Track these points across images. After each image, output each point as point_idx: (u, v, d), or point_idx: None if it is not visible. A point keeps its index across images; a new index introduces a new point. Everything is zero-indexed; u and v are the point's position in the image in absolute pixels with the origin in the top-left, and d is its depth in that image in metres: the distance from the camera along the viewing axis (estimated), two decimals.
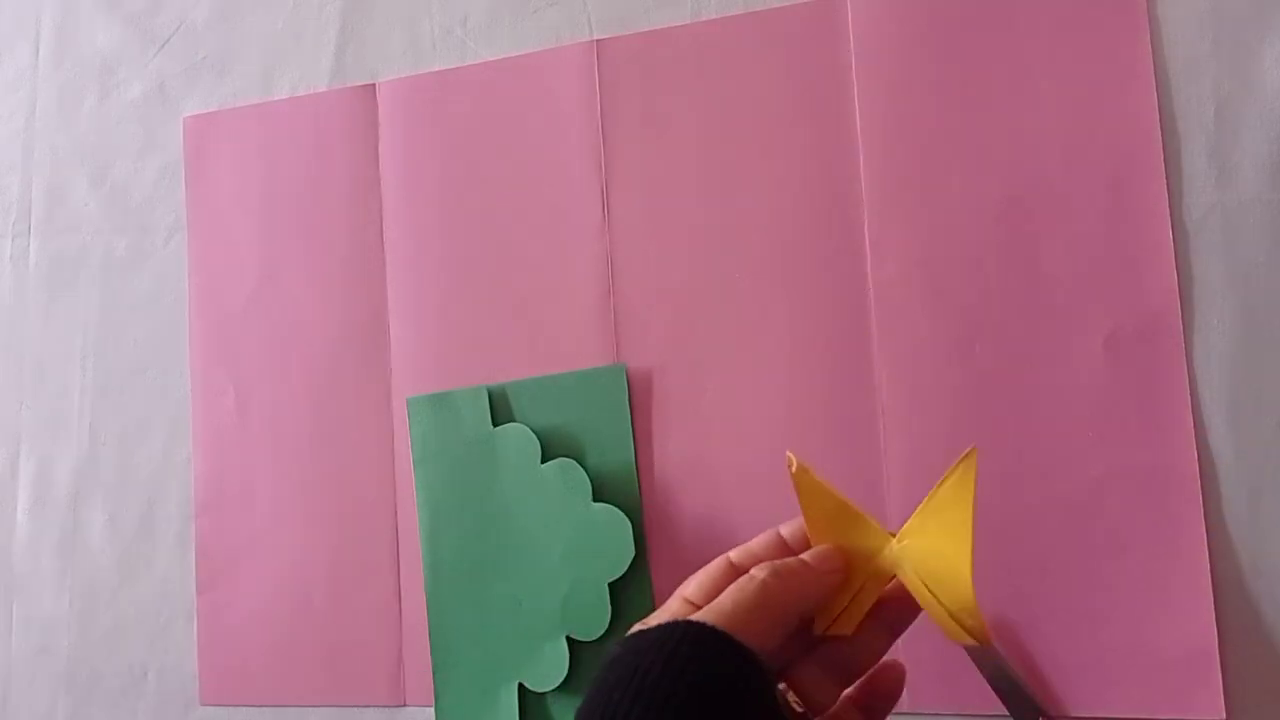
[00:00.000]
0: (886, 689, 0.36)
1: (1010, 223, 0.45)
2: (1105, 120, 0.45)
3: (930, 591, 0.33)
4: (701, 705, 0.29)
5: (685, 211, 0.50)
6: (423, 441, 0.52)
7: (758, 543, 0.37)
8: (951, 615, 0.33)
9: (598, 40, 0.52)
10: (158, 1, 0.61)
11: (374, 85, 0.56)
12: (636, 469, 0.49)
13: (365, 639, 0.53)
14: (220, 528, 0.56)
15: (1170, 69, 0.44)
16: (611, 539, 0.48)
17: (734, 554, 0.37)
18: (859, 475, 0.46)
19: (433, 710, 0.51)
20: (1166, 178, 0.44)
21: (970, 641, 0.33)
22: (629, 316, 0.50)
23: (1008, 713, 0.42)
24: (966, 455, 0.32)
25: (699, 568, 0.38)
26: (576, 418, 0.50)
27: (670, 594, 0.48)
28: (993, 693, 0.42)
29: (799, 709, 0.34)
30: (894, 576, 0.35)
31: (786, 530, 0.37)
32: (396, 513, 0.53)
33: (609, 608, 0.47)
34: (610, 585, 0.48)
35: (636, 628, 0.34)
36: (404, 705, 0.52)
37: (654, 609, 0.48)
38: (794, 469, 0.35)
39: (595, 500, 0.48)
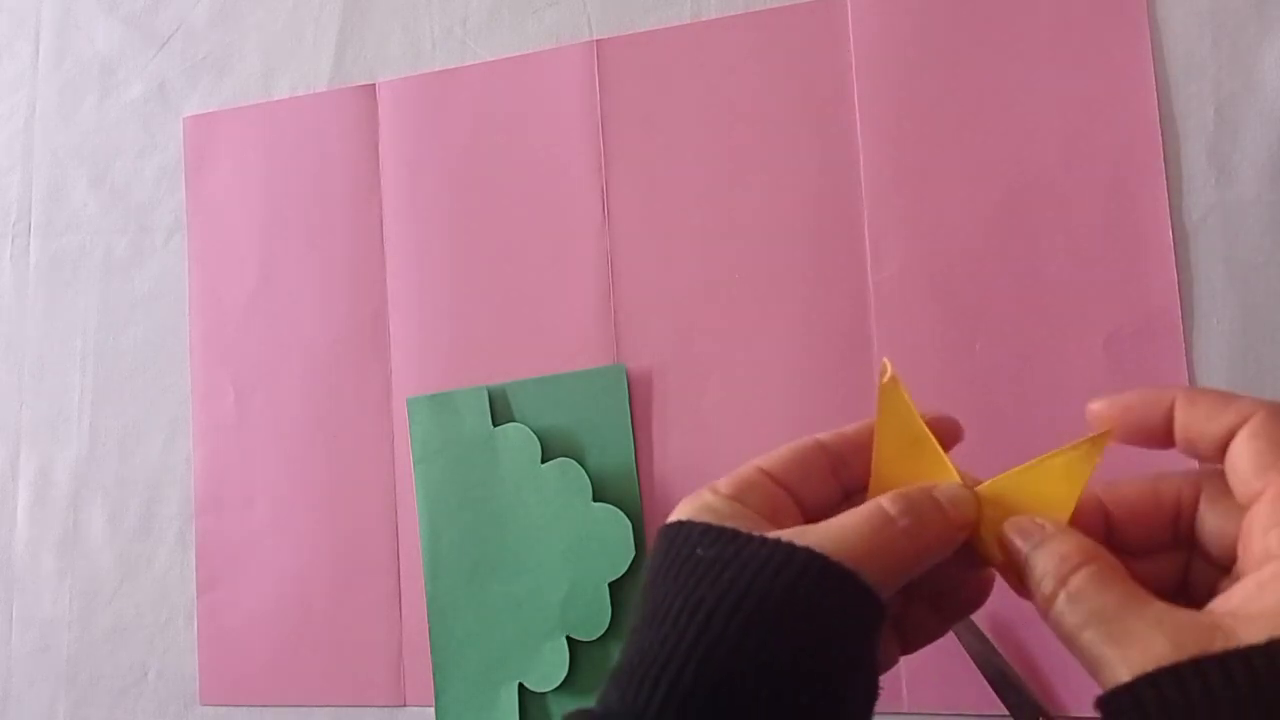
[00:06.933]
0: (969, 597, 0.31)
1: (1010, 223, 0.45)
2: (1105, 120, 0.45)
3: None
4: (817, 649, 0.25)
5: (685, 211, 0.50)
6: (423, 441, 0.52)
7: (855, 433, 0.31)
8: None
9: (598, 40, 0.52)
10: (158, 1, 0.61)
11: (374, 85, 0.56)
12: (636, 469, 0.49)
13: (365, 639, 0.53)
14: (220, 528, 0.56)
15: (1170, 69, 0.44)
16: (611, 539, 0.48)
17: (825, 437, 0.31)
18: None
19: (433, 710, 0.51)
20: (1166, 178, 0.44)
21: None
22: (629, 316, 0.50)
23: (1008, 712, 0.42)
24: (1098, 436, 0.27)
25: None
26: (576, 418, 0.50)
27: None
28: (993, 693, 0.42)
29: None
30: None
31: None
32: (396, 513, 0.53)
33: (609, 608, 0.47)
34: (610, 585, 0.48)
35: (708, 494, 0.29)
36: (404, 705, 0.52)
37: None
38: (885, 378, 0.30)
39: (595, 500, 0.48)
